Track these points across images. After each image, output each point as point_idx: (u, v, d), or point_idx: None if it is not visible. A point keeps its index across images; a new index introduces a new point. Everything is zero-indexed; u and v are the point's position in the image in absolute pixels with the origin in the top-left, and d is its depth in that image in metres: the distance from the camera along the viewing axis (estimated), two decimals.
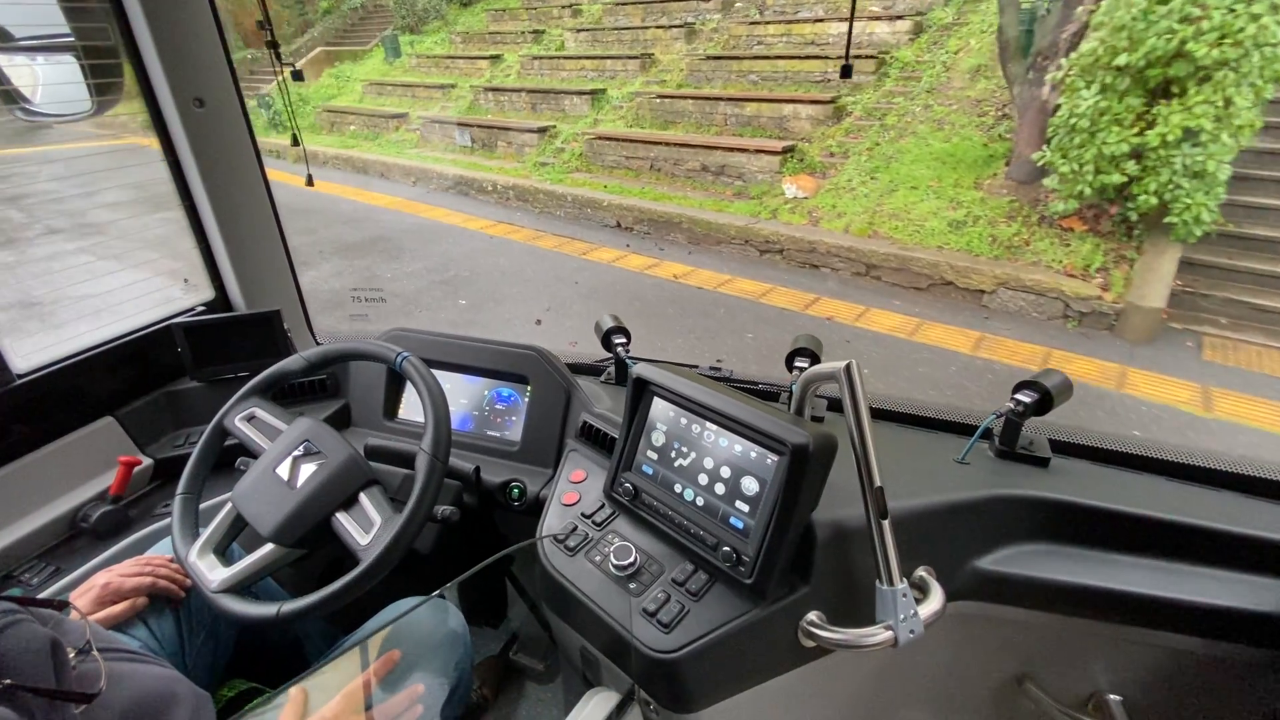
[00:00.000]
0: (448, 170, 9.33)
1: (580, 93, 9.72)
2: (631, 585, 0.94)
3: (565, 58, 10.94)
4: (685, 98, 8.65)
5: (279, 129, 13.46)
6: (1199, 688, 1.07)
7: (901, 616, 0.81)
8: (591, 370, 1.52)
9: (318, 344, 1.74)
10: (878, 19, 8.24)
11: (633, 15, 11.17)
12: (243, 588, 0.98)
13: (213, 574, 0.98)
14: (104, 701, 0.66)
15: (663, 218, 6.96)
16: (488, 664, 1.61)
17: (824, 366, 0.88)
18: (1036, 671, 1.19)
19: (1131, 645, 1.07)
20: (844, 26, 8.28)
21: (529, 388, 1.38)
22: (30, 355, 1.28)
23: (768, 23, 9.19)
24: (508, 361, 1.39)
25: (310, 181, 1.76)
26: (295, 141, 1.88)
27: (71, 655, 0.65)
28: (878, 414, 1.31)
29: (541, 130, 9.40)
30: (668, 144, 7.92)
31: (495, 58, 12.15)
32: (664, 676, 0.87)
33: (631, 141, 8.28)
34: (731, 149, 7.37)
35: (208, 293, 1.61)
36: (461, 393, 1.44)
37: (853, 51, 7.74)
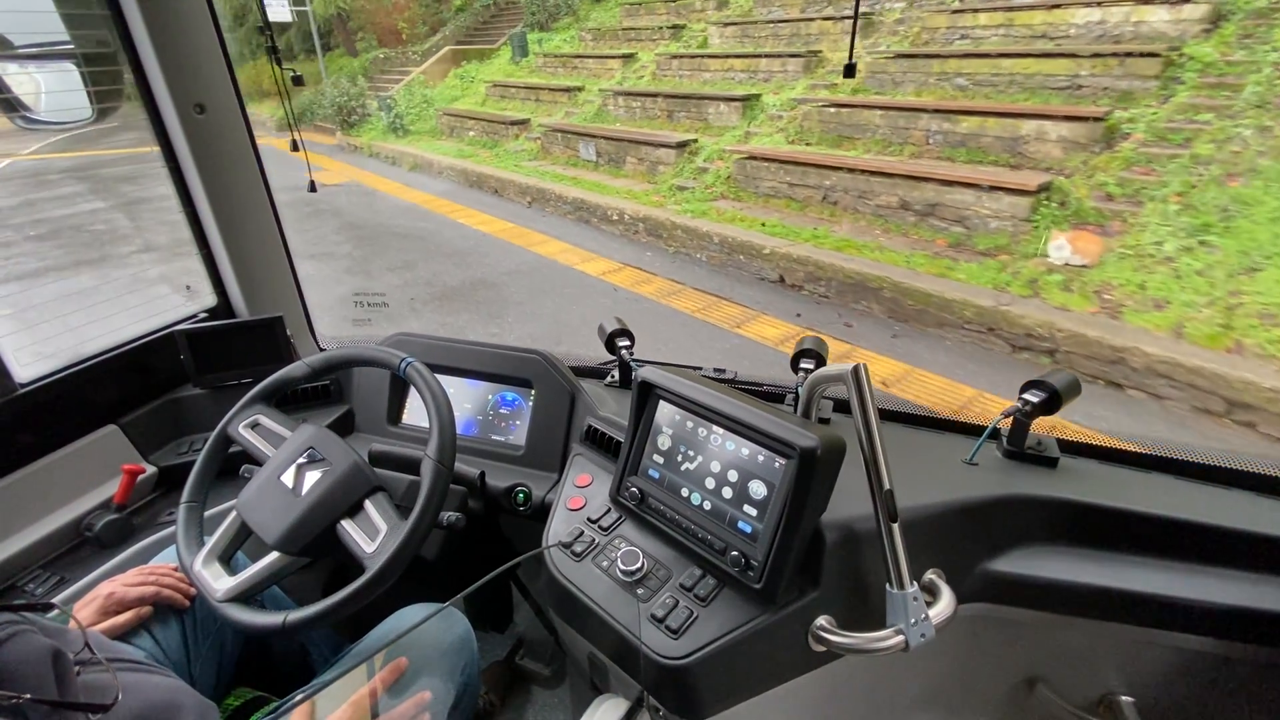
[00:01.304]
0: (567, 192, 7.78)
1: (728, 99, 7.83)
2: (639, 591, 0.94)
3: (709, 56, 9.16)
4: (871, 107, 6.42)
5: (398, 133, 12.85)
6: (1212, 689, 1.06)
7: (912, 620, 0.80)
8: (595, 373, 1.51)
9: (320, 349, 1.74)
10: (1149, 2, 5.61)
11: (790, 5, 9.16)
12: (248, 597, 0.97)
13: (218, 583, 0.97)
14: (109, 712, 0.65)
15: (851, 278, 4.81)
16: (494, 669, 1.60)
17: (831, 368, 0.88)
18: (1048, 673, 1.18)
19: (1144, 646, 1.06)
20: (1093, 13, 5.91)
21: (533, 391, 1.37)
22: (33, 364, 1.28)
23: (978, 10, 6.75)
24: (511, 365, 1.38)
25: (313, 187, 1.75)
26: (295, 147, 1.87)
27: (76, 667, 0.65)
28: (884, 415, 1.30)
29: (680, 145, 7.56)
30: (850, 170, 5.75)
31: (628, 57, 10.59)
32: (673, 683, 0.86)
33: (798, 164, 6.19)
34: (950, 182, 5.10)
35: (210, 299, 1.61)
36: (465, 397, 1.43)
37: (1120, 47, 5.53)
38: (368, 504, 1.01)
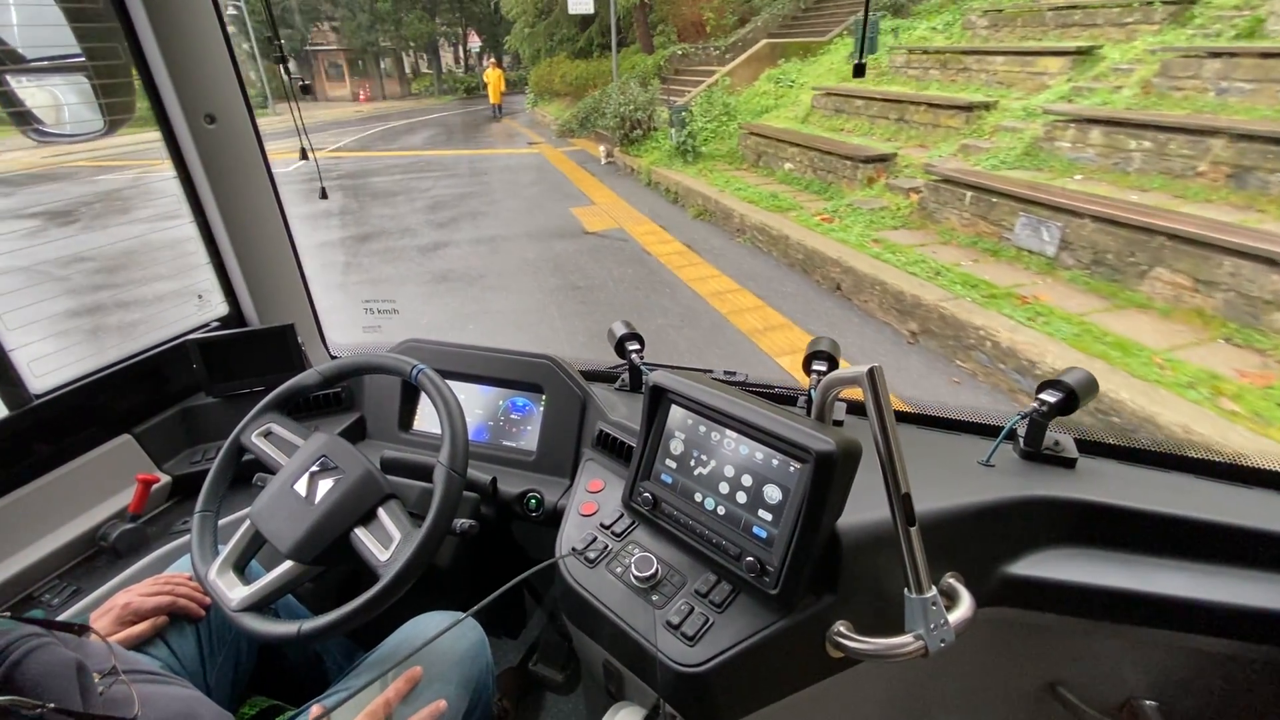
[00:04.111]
0: (995, 329, 3.69)
1: None
2: (654, 597, 0.93)
3: None
4: None
5: (688, 157, 9.03)
6: (1237, 692, 1.04)
7: (932, 625, 0.79)
8: (605, 378, 1.51)
9: (332, 357, 1.74)
10: None
11: None
12: (263, 606, 0.97)
13: (232, 593, 0.97)
14: None
15: None
16: (507, 675, 1.60)
17: (846, 371, 0.87)
18: (1069, 677, 1.16)
19: (1166, 650, 1.04)
20: None
21: (544, 397, 1.37)
22: (48, 375, 1.28)
23: None
24: (522, 371, 1.38)
25: (324, 194, 1.75)
26: (304, 155, 1.87)
27: (97, 678, 0.65)
28: (899, 417, 1.29)
29: None
30: None
31: (1081, 53, 6.23)
32: (690, 691, 0.85)
33: None
34: None
35: (222, 308, 1.62)
36: (476, 403, 1.43)
37: None
38: (381, 512, 1.01)
